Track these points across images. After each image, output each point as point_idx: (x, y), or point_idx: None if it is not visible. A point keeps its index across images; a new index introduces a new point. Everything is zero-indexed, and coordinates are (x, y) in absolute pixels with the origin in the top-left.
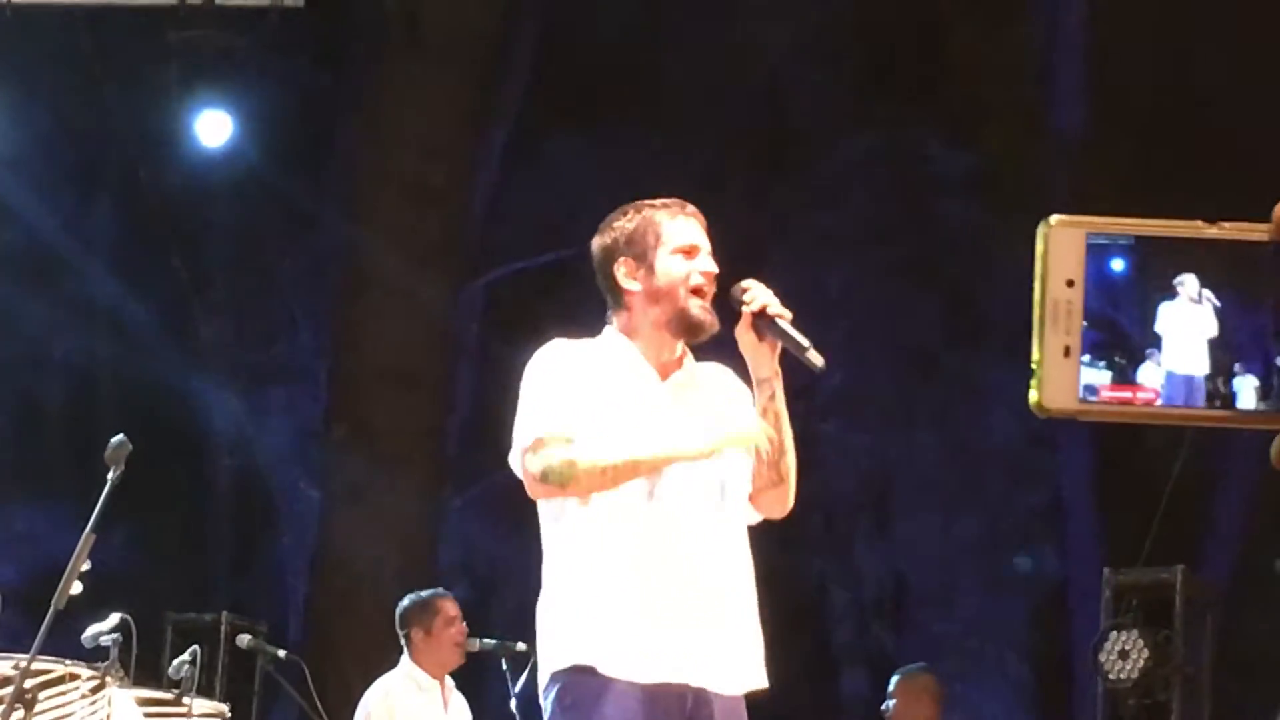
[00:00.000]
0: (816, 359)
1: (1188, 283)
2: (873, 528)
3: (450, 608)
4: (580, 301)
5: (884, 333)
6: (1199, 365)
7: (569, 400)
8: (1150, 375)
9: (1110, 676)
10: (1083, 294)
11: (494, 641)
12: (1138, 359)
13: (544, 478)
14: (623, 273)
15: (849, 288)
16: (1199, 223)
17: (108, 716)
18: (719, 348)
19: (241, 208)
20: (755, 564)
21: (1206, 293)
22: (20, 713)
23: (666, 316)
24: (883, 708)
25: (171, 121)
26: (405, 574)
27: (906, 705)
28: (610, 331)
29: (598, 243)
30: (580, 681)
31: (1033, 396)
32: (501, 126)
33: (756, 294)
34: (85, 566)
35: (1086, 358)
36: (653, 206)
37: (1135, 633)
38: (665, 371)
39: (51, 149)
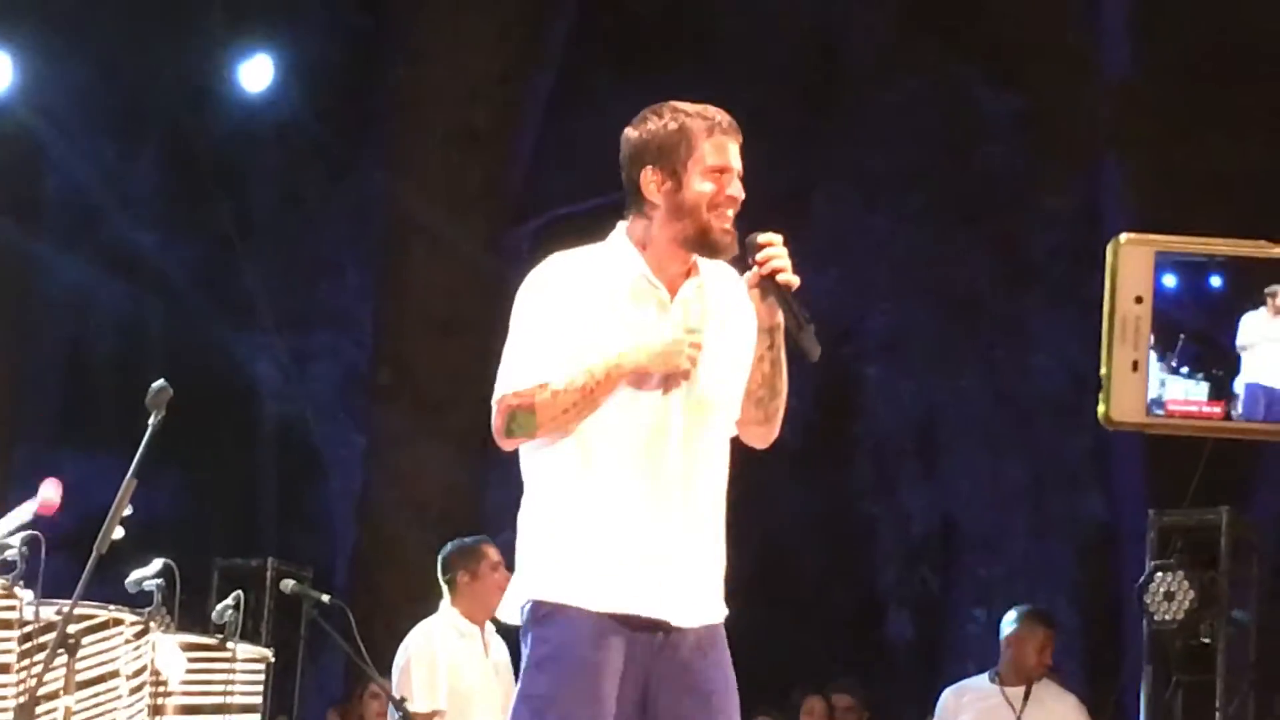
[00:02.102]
0: (813, 345)
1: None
2: (919, 472)
3: (494, 553)
4: None
5: (929, 276)
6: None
7: (550, 345)
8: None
9: (1156, 618)
10: (1151, 310)
11: None
12: (1234, 371)
13: (509, 433)
14: (647, 180)
15: (893, 230)
16: (1264, 243)
17: (152, 661)
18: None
19: (285, 153)
20: (803, 507)
21: None
22: (64, 657)
23: (685, 234)
24: (1014, 640)
25: (214, 67)
26: (450, 519)
27: (1040, 646)
28: (619, 240)
29: (629, 134)
30: (552, 607)
31: (1101, 409)
32: (546, 71)
33: (772, 255)
34: (127, 511)
35: (1185, 369)
36: (690, 115)
37: (1181, 574)
38: (674, 285)
39: (94, 96)
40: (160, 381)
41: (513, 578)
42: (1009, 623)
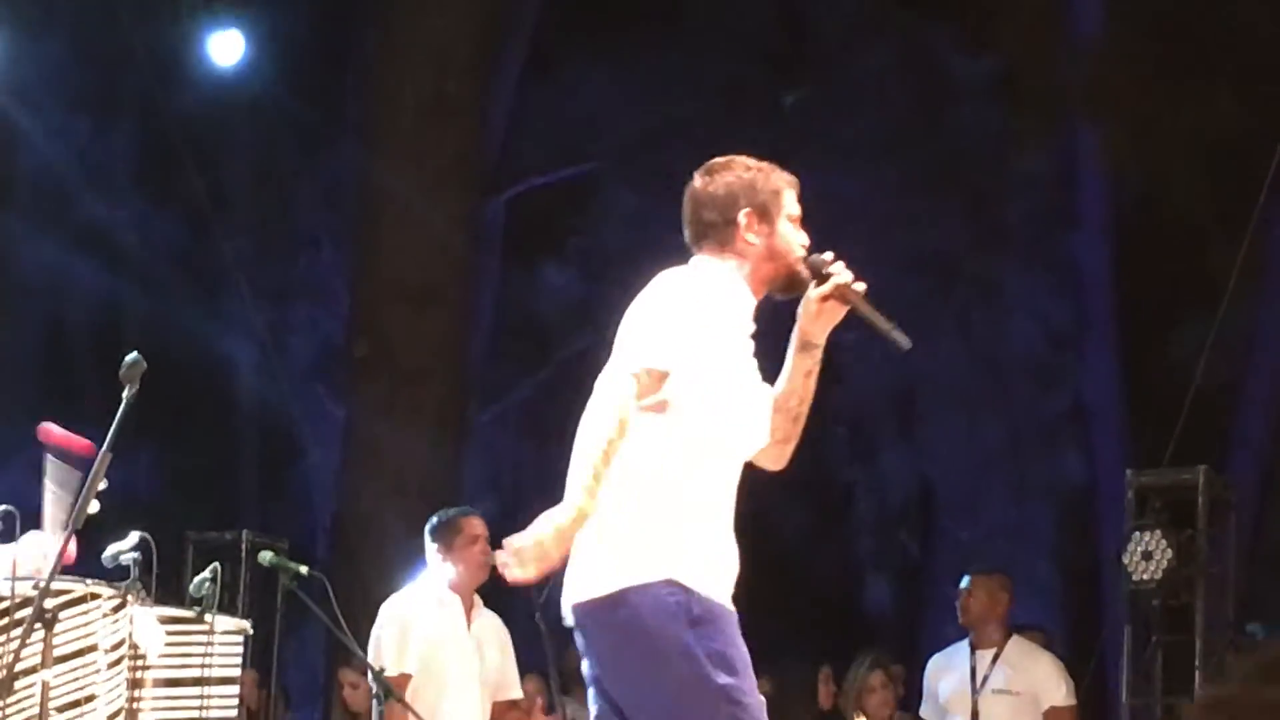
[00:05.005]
0: (903, 339)
1: None
2: (898, 436)
3: (474, 526)
4: (599, 215)
5: (904, 240)
6: None
7: (693, 344)
8: None
9: (1134, 578)
10: None
11: None
12: None
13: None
14: (746, 222)
15: (868, 196)
16: None
17: (130, 635)
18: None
19: (258, 128)
20: (780, 475)
21: None
22: (42, 632)
23: (776, 274)
24: (960, 604)
25: (186, 42)
26: (427, 490)
27: (987, 604)
28: (729, 271)
29: (722, 181)
30: (697, 597)
31: None
32: (518, 42)
33: (840, 268)
34: (102, 486)
35: None
36: (774, 170)
37: (1159, 533)
38: None
39: (66, 73)
40: (133, 355)
41: (621, 551)
42: (966, 584)
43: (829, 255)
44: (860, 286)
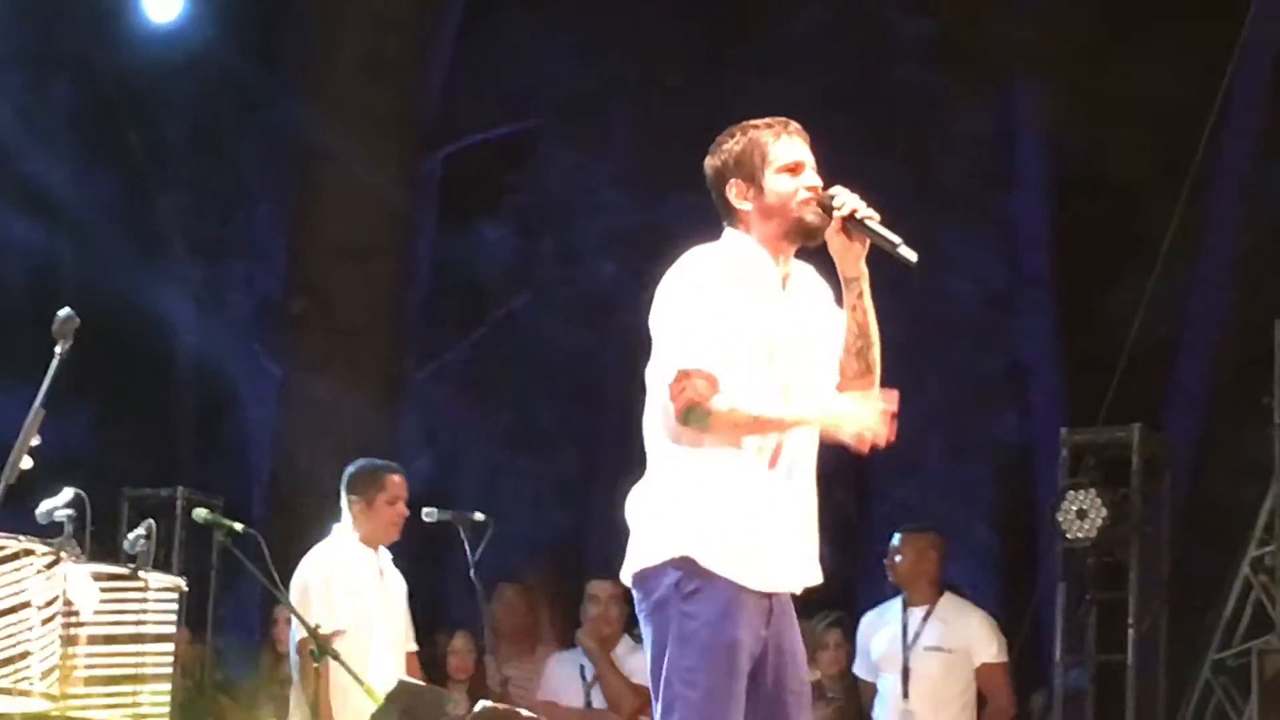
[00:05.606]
0: (909, 254)
1: None
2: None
3: (397, 485)
4: (537, 172)
5: None
6: None
7: (723, 327)
8: None
9: (1068, 536)
10: None
11: (453, 512)
12: None
13: (684, 419)
14: (734, 194)
15: None
16: None
17: (64, 591)
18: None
19: (196, 84)
20: None
21: None
22: None
23: (783, 230)
24: (887, 562)
25: None
26: (366, 447)
27: (914, 561)
28: (741, 238)
29: (709, 164)
30: (704, 578)
31: None
32: None
33: (845, 199)
34: (35, 441)
35: None
36: (756, 128)
37: (1093, 492)
38: (784, 278)
39: (1, 29)
40: (66, 310)
41: (645, 536)
42: (896, 542)
43: (834, 190)
44: (869, 212)
